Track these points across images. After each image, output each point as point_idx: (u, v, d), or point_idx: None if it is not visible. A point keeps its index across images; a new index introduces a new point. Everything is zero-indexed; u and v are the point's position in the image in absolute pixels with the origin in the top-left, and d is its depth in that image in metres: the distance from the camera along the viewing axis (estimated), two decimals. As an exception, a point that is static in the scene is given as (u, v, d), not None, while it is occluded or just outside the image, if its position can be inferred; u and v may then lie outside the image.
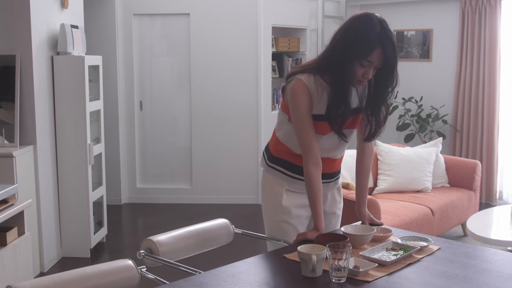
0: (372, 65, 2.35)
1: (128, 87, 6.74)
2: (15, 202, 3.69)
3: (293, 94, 2.47)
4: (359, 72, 2.36)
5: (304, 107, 2.45)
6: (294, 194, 2.63)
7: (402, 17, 7.37)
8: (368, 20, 2.37)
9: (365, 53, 2.32)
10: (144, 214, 6.49)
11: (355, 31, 2.37)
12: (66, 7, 5.03)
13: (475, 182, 5.51)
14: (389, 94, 2.49)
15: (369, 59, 2.33)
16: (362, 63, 2.34)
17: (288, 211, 2.63)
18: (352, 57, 2.34)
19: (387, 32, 2.35)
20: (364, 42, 2.32)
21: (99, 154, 5.29)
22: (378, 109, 2.51)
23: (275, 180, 2.66)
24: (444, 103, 7.08)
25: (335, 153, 2.61)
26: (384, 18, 2.44)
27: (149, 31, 6.73)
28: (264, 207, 2.76)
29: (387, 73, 2.42)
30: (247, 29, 6.59)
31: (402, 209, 4.74)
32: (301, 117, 2.46)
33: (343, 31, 2.42)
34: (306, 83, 2.44)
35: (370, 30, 2.33)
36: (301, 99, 2.45)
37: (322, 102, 2.47)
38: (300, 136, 2.49)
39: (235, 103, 6.67)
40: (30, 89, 4.49)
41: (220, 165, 6.75)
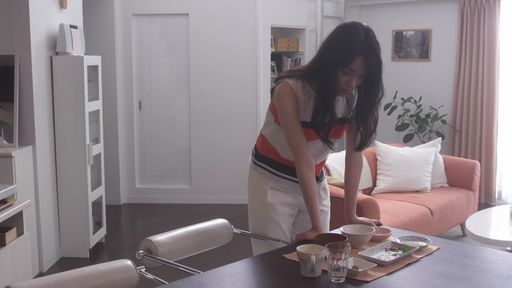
0: (355, 74, 2.35)
1: (127, 87, 6.74)
2: (14, 202, 3.69)
3: (280, 98, 2.49)
4: (342, 80, 2.37)
5: (291, 110, 2.47)
6: (278, 192, 2.67)
7: (401, 17, 7.37)
8: (353, 29, 2.38)
9: (346, 61, 2.33)
10: (143, 214, 6.49)
11: (340, 39, 2.38)
12: (65, 7, 5.03)
13: (474, 182, 5.51)
14: (375, 105, 2.49)
15: (351, 67, 2.33)
16: (345, 71, 2.35)
17: (272, 208, 2.66)
18: (335, 64, 2.35)
19: (371, 41, 2.36)
20: (346, 50, 2.33)
21: (98, 154, 5.29)
22: (366, 119, 2.51)
23: (260, 178, 2.70)
24: (443, 103, 7.08)
25: (316, 158, 2.63)
26: (382, 19, 2.45)
27: (148, 31, 6.73)
28: (249, 203, 2.80)
29: (372, 84, 2.42)
30: (246, 29, 6.59)
31: (401, 209, 4.74)
32: (289, 120, 2.48)
33: (329, 39, 2.43)
34: (293, 87, 2.47)
35: (353, 38, 2.34)
36: (288, 102, 2.47)
37: (308, 108, 2.49)
38: (290, 139, 2.50)
39: (234, 103, 6.67)
40: (29, 89, 4.49)
41: (219, 165, 6.75)
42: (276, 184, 2.66)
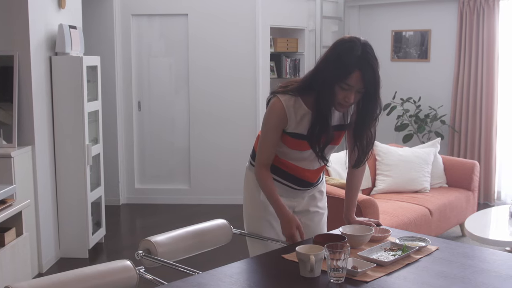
0: (352, 89, 2.34)
1: (127, 88, 6.74)
2: (13, 202, 3.69)
3: (269, 112, 2.54)
4: (339, 96, 2.36)
5: (273, 126, 2.52)
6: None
7: (400, 18, 7.38)
8: (349, 44, 2.36)
9: (343, 76, 2.32)
10: (142, 215, 6.49)
11: (336, 54, 2.37)
12: (64, 7, 5.03)
13: (473, 182, 5.51)
14: (372, 121, 2.49)
15: (348, 82, 2.32)
16: (342, 86, 2.34)
17: (265, 207, 2.69)
18: (332, 80, 2.34)
19: (368, 56, 2.34)
20: (342, 65, 2.32)
21: (97, 154, 5.29)
22: (363, 134, 2.51)
23: (254, 178, 2.70)
24: (442, 103, 7.08)
25: (314, 164, 2.64)
26: (382, 20, 2.45)
27: (147, 31, 6.73)
28: (244, 204, 2.84)
29: (369, 99, 2.41)
30: (246, 30, 6.59)
31: (400, 210, 4.74)
32: (268, 133, 2.55)
33: (326, 54, 2.43)
34: (284, 105, 2.48)
35: (350, 53, 2.33)
36: (273, 119, 2.51)
37: (302, 123, 2.50)
38: (261, 147, 2.59)
39: (233, 103, 6.67)
40: (28, 90, 4.49)
41: (218, 165, 6.75)
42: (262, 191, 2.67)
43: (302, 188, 2.70)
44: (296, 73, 7.28)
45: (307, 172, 2.65)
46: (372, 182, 5.39)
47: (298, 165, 2.61)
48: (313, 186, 2.73)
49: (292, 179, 2.66)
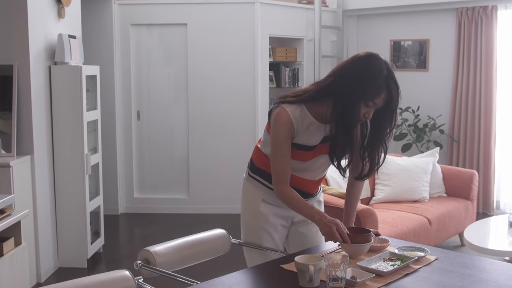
0: (375, 106, 2.38)
1: (126, 97, 6.75)
2: (12, 212, 3.69)
3: (276, 123, 2.51)
4: (361, 111, 2.38)
5: (284, 137, 2.49)
6: (270, 205, 2.67)
7: (399, 27, 7.40)
8: (377, 63, 2.38)
9: (372, 96, 2.34)
10: (141, 224, 6.48)
11: (365, 72, 2.36)
12: (63, 17, 5.04)
13: (472, 191, 5.51)
14: (387, 135, 2.50)
15: (375, 101, 2.35)
16: (367, 104, 2.36)
17: (265, 218, 2.67)
18: (359, 97, 2.34)
19: (393, 75, 2.39)
20: (374, 85, 2.33)
21: (96, 164, 5.28)
22: (375, 149, 2.52)
23: (254, 189, 2.72)
24: (441, 112, 7.09)
25: (314, 174, 2.64)
26: (380, 29, 2.48)
27: (147, 40, 6.74)
28: (242, 214, 2.82)
29: (387, 114, 2.43)
30: (244, 39, 6.60)
31: (399, 219, 4.74)
32: (279, 146, 2.51)
33: (350, 70, 2.41)
34: (290, 115, 2.48)
35: (379, 73, 2.35)
36: (282, 129, 2.49)
37: (306, 134, 2.51)
38: (276, 161, 2.54)
39: (232, 112, 6.68)
40: (27, 99, 4.49)
41: (217, 175, 6.74)
42: (269, 198, 2.67)
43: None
44: (295, 82, 7.29)
45: (307, 182, 2.65)
46: (371, 191, 5.39)
47: (299, 175, 2.61)
48: (312, 197, 2.73)
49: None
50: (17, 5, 4.42)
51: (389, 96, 2.36)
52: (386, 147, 2.53)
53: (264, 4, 6.63)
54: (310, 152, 2.53)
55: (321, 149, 2.55)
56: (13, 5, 4.42)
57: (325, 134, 2.50)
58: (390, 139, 2.54)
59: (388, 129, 2.47)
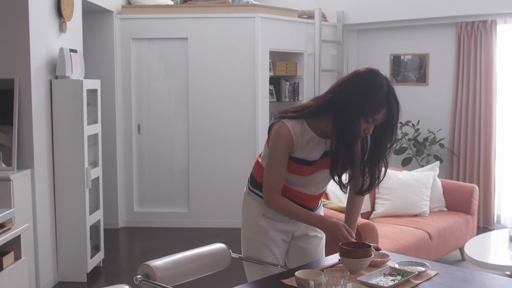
0: (375, 122, 2.39)
1: (126, 111, 6.76)
2: (12, 226, 3.68)
3: (275, 137, 2.53)
4: (362, 127, 2.40)
5: (282, 151, 2.51)
6: (270, 220, 2.67)
7: (398, 42, 7.42)
8: (377, 79, 2.40)
9: (372, 112, 2.36)
10: (141, 238, 6.46)
11: (365, 89, 2.38)
12: (65, 32, 5.07)
13: (473, 206, 5.51)
14: (387, 150, 2.51)
15: (375, 117, 2.37)
16: (367, 120, 2.37)
17: (265, 232, 2.67)
18: (359, 113, 2.36)
19: (393, 91, 2.41)
20: (374, 102, 2.35)
21: (96, 178, 5.28)
22: (376, 165, 2.53)
23: (254, 204, 2.72)
24: (441, 127, 7.10)
25: (314, 189, 2.64)
26: (380, 44, 2.49)
27: (147, 54, 6.76)
28: (242, 228, 2.82)
29: (387, 130, 2.45)
30: (245, 53, 6.63)
31: (399, 233, 4.73)
32: (275, 158, 2.53)
33: (351, 86, 2.42)
34: (290, 130, 2.49)
35: (379, 89, 2.37)
36: (281, 144, 2.51)
37: (307, 149, 2.52)
38: (269, 172, 2.56)
39: (232, 126, 6.69)
40: (28, 113, 4.50)
41: (217, 188, 6.74)
42: (269, 213, 2.67)
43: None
44: (295, 96, 7.30)
45: (308, 197, 2.65)
46: (371, 205, 5.38)
47: (300, 190, 2.61)
48: (312, 211, 2.73)
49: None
50: (19, 19, 4.44)
51: (389, 112, 2.37)
52: (387, 162, 2.54)
53: (265, 19, 6.66)
54: (311, 167, 2.54)
55: (322, 164, 2.55)
56: (15, 19, 4.45)
57: (326, 149, 2.51)
58: (391, 154, 2.55)
59: (389, 144, 2.48)
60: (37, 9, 4.58)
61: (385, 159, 2.52)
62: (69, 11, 5.12)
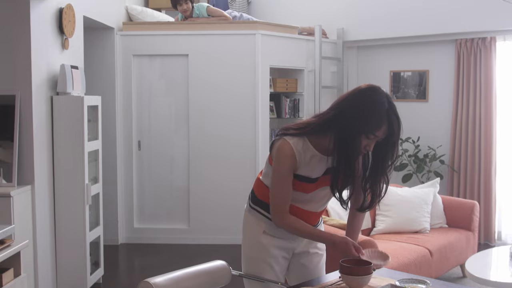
0: (376, 139, 2.40)
1: (127, 127, 6.77)
2: (12, 243, 3.67)
3: (278, 155, 2.53)
4: (362, 144, 2.41)
5: (286, 169, 2.51)
6: (271, 237, 2.66)
7: (398, 58, 7.45)
8: (378, 96, 2.41)
9: (373, 129, 2.37)
10: (141, 255, 6.44)
11: (365, 106, 2.39)
12: (67, 48, 5.09)
13: (473, 222, 5.49)
14: (388, 167, 2.51)
15: (376, 133, 2.37)
16: (368, 136, 2.38)
17: (266, 249, 2.67)
18: (360, 130, 2.37)
19: (394, 108, 2.41)
20: (375, 118, 2.36)
21: (96, 194, 5.28)
22: (377, 181, 2.53)
23: (255, 221, 2.72)
24: (441, 143, 7.11)
25: (317, 206, 2.65)
26: (380, 60, 2.50)
27: (148, 71, 6.78)
28: (243, 245, 2.82)
29: (388, 147, 2.46)
30: (245, 70, 6.65)
31: (400, 250, 4.72)
32: (281, 179, 2.53)
33: (351, 103, 2.43)
34: (293, 147, 2.50)
35: (380, 106, 2.38)
36: (285, 162, 2.51)
37: (309, 166, 2.52)
38: (276, 193, 2.56)
39: (233, 143, 6.69)
40: (29, 129, 4.51)
41: (217, 205, 6.73)
42: (270, 230, 2.67)
43: None
44: (295, 113, 7.32)
45: (309, 214, 2.64)
46: (372, 222, 5.37)
47: (301, 207, 2.61)
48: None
49: None
50: (20, 35, 4.46)
51: (390, 129, 2.38)
52: (388, 179, 2.54)
53: (265, 36, 6.70)
54: (313, 184, 2.54)
55: (324, 181, 2.55)
56: (16, 35, 4.47)
57: (328, 166, 2.51)
58: (392, 171, 2.55)
59: (390, 161, 2.48)
60: (39, 26, 4.61)
61: (386, 176, 2.52)
62: (71, 28, 5.15)
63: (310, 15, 7.79)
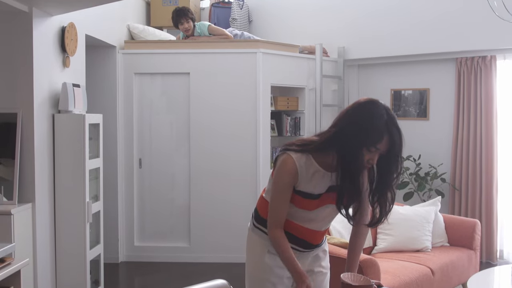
0: (378, 151, 2.40)
1: (128, 145, 6.77)
2: (12, 261, 3.66)
3: (280, 169, 2.54)
4: (365, 157, 2.40)
5: (286, 183, 2.52)
6: (275, 256, 2.66)
7: (399, 77, 7.48)
8: (376, 109, 2.41)
9: (374, 141, 2.37)
10: (141, 273, 6.42)
11: (364, 119, 2.40)
12: (68, 66, 5.12)
13: (475, 241, 5.47)
14: (394, 180, 2.51)
15: (377, 146, 2.38)
16: (369, 149, 2.38)
17: (270, 269, 2.66)
18: (361, 144, 2.37)
19: (394, 119, 2.41)
20: (374, 131, 2.36)
21: (97, 212, 5.27)
22: (384, 196, 2.52)
23: (259, 241, 2.71)
24: (442, 161, 7.11)
25: (321, 224, 2.64)
26: (381, 79, 2.51)
27: (150, 89, 6.80)
28: (247, 265, 2.81)
29: (392, 159, 2.45)
30: (246, 88, 6.67)
31: (402, 269, 4.69)
32: (280, 192, 2.54)
33: (351, 118, 2.44)
34: (296, 162, 2.50)
35: (378, 118, 2.38)
36: (286, 176, 2.51)
37: (312, 182, 2.52)
38: (274, 206, 2.57)
39: (234, 161, 6.69)
40: (30, 147, 4.52)
41: (218, 223, 6.71)
42: (274, 249, 2.65)
43: (307, 250, 2.69)
44: (296, 131, 7.33)
45: (313, 233, 2.64)
46: (373, 241, 5.36)
47: (305, 226, 2.60)
48: (317, 247, 2.72)
49: (297, 242, 2.65)
50: (23, 53, 4.49)
51: (391, 141, 2.38)
52: (394, 192, 2.54)
53: (266, 54, 6.73)
54: (316, 201, 2.54)
55: (327, 198, 2.55)
56: (19, 53, 4.49)
57: (331, 183, 2.51)
58: (398, 183, 2.55)
59: (395, 173, 2.48)
60: (41, 44, 4.64)
61: (392, 189, 2.52)
62: (73, 46, 5.17)
63: (311, 34, 7.84)
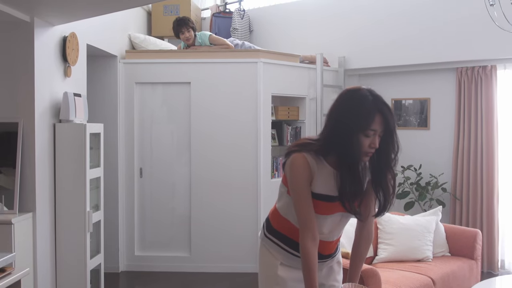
0: (376, 133, 2.39)
1: (129, 154, 6.77)
2: (12, 271, 3.65)
3: (292, 166, 2.49)
4: (365, 144, 2.39)
5: (304, 180, 2.46)
6: (289, 268, 2.63)
7: (399, 86, 7.49)
8: (358, 92, 2.43)
9: (367, 122, 2.36)
10: (142, 283, 6.40)
11: (351, 105, 2.41)
12: (69, 76, 5.13)
13: (476, 251, 5.46)
14: (392, 161, 2.50)
15: (372, 128, 2.37)
16: (366, 134, 2.37)
17: (283, 283, 2.62)
18: (356, 130, 2.37)
19: (379, 97, 2.42)
20: (364, 112, 2.36)
21: (98, 221, 5.27)
22: (384, 178, 2.50)
23: (271, 252, 2.67)
24: (443, 171, 7.10)
25: (333, 234, 2.62)
26: (381, 88, 2.51)
27: (151, 98, 6.81)
28: (259, 277, 2.76)
29: (388, 139, 2.44)
30: (247, 98, 6.68)
31: (403, 279, 4.68)
32: (300, 190, 2.47)
33: (338, 108, 2.46)
34: (306, 157, 2.47)
35: (364, 99, 2.39)
36: (300, 172, 2.46)
37: (323, 181, 2.49)
38: (298, 208, 2.49)
39: (234, 170, 6.69)
40: (31, 156, 4.52)
41: (219, 233, 6.70)
42: (287, 261, 2.63)
43: (320, 261, 2.64)
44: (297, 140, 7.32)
45: (326, 244, 2.61)
46: (374, 250, 5.34)
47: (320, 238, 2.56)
48: (331, 257, 2.70)
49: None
50: (24, 63, 4.50)
51: (384, 118, 2.37)
52: (395, 174, 2.53)
53: (267, 64, 6.74)
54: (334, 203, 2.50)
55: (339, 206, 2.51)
56: (20, 63, 4.51)
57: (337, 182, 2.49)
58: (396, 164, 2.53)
59: (392, 154, 2.47)
60: (43, 54, 4.65)
61: (392, 171, 2.50)
62: (74, 56, 5.19)
63: (312, 44, 7.86)
